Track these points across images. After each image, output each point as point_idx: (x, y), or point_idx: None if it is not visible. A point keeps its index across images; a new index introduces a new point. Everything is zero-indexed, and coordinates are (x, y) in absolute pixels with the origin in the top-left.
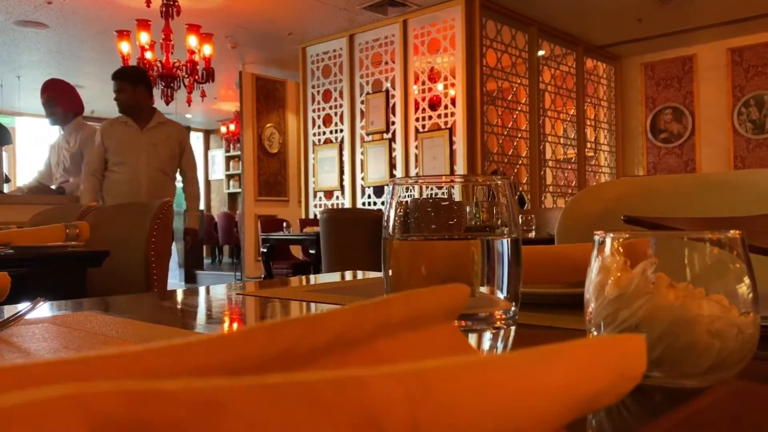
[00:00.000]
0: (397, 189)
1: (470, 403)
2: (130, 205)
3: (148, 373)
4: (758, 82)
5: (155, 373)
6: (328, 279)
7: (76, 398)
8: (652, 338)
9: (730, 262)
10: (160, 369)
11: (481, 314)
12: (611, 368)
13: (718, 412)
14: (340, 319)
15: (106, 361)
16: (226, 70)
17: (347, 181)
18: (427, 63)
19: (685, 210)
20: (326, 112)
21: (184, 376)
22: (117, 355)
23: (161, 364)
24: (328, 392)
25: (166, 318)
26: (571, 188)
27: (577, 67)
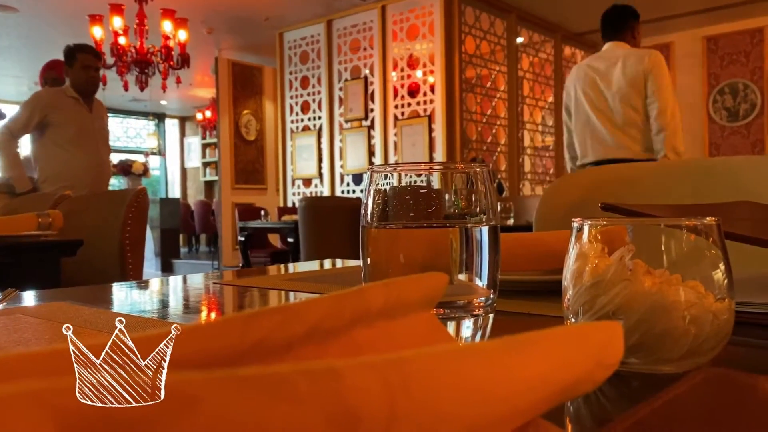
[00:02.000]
0: (376, 176)
1: (448, 393)
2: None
3: None
4: (733, 70)
5: None
6: (307, 268)
7: (41, 394)
8: (630, 325)
9: (706, 249)
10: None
11: (459, 302)
12: (588, 356)
13: (695, 398)
14: (317, 308)
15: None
16: (202, 55)
17: (326, 169)
18: (405, 49)
19: (661, 197)
20: (304, 98)
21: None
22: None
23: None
24: (303, 384)
25: (143, 308)
26: (549, 176)
27: (555, 54)
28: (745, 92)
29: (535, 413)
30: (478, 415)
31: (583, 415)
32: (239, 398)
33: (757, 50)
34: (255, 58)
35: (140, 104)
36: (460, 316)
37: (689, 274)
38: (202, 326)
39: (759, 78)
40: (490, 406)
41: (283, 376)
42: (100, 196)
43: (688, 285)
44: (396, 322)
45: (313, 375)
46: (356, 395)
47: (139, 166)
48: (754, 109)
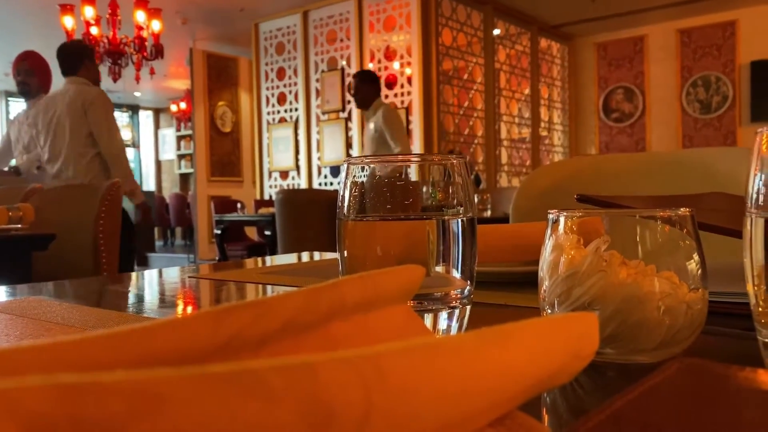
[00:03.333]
0: (352, 169)
1: (424, 387)
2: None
3: (86, 364)
4: (705, 63)
5: (94, 364)
6: (285, 260)
7: (2, 394)
8: (605, 316)
9: (680, 240)
10: (100, 359)
11: (436, 294)
12: (564, 347)
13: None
14: (291, 302)
15: (40, 352)
16: (176, 46)
17: (303, 161)
18: (382, 41)
19: (636, 188)
20: (280, 90)
21: (125, 366)
22: (52, 345)
23: (100, 353)
24: (276, 380)
25: (116, 303)
26: (526, 167)
27: (531, 46)
28: (717, 85)
29: (511, 405)
30: (455, 409)
31: (560, 406)
32: (208, 396)
33: (728, 43)
34: (230, 49)
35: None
36: (438, 308)
37: (664, 265)
38: (172, 322)
39: (731, 71)
40: (466, 399)
41: (255, 373)
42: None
43: (663, 275)
44: (372, 315)
45: (286, 371)
46: (331, 391)
47: None
48: (726, 101)
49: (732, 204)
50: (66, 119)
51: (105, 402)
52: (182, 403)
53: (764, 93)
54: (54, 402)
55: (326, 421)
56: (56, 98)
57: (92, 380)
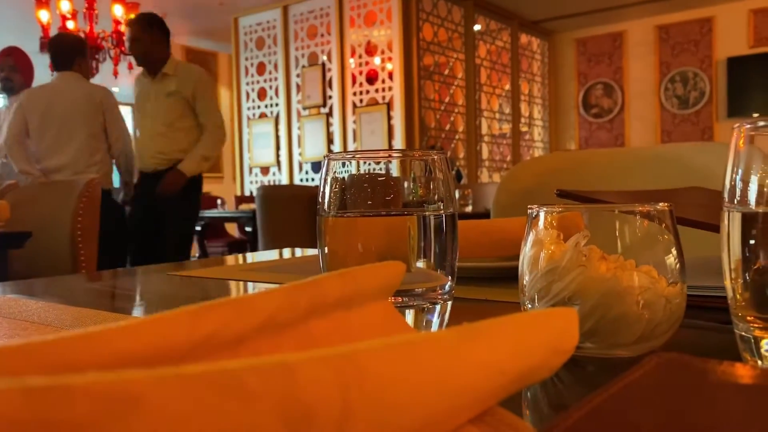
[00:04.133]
0: (332, 164)
1: (403, 385)
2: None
3: (59, 366)
4: (683, 58)
5: (67, 365)
6: (266, 257)
7: None
8: (585, 310)
9: (659, 234)
10: (73, 360)
11: (417, 290)
12: (544, 343)
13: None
14: (270, 300)
15: (10, 353)
16: None
17: (284, 157)
18: (363, 36)
19: (615, 183)
20: (260, 85)
21: (99, 367)
22: (23, 347)
23: (74, 354)
24: (253, 381)
25: (94, 301)
26: (506, 163)
27: (511, 42)
28: (695, 80)
29: (491, 402)
30: (435, 406)
31: (541, 402)
32: (184, 397)
33: (706, 39)
34: (209, 43)
35: None
36: (419, 304)
37: (643, 259)
38: (147, 321)
39: (708, 66)
40: (446, 396)
41: (232, 373)
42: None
43: (642, 270)
44: (353, 312)
45: (263, 370)
46: (309, 390)
47: None
48: (703, 97)
49: (709, 199)
50: (77, 114)
51: (75, 405)
52: (156, 404)
53: (740, 89)
54: (23, 406)
55: (305, 421)
56: (57, 92)
57: (62, 383)
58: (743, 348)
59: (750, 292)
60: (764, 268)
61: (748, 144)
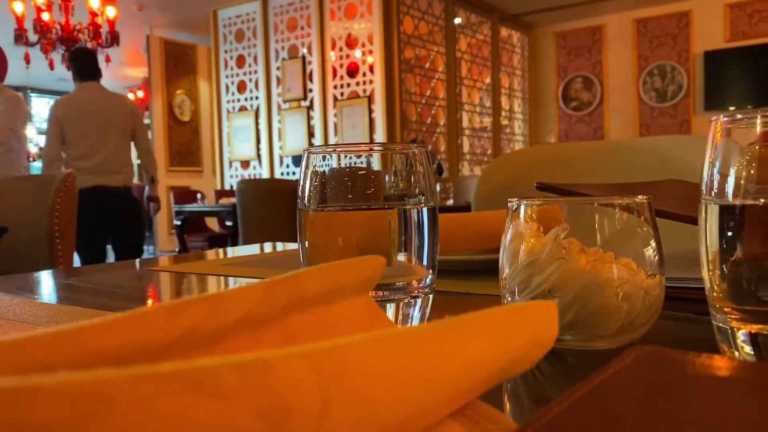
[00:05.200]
0: (312, 158)
1: (383, 381)
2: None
3: (31, 365)
4: (661, 52)
5: (40, 365)
6: (247, 252)
7: None
8: (565, 303)
9: (638, 227)
10: (46, 359)
11: (398, 284)
12: (524, 336)
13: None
14: (248, 296)
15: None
16: (132, 33)
17: (264, 151)
18: (344, 29)
19: (595, 176)
20: (240, 78)
21: (73, 366)
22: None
23: (47, 353)
24: (230, 378)
25: (71, 297)
26: (487, 156)
27: (492, 35)
28: (673, 74)
29: (472, 395)
30: (415, 402)
31: (521, 394)
32: (158, 397)
33: (683, 33)
34: (188, 36)
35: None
36: (400, 298)
37: (622, 252)
38: (123, 318)
39: (685, 60)
40: (426, 391)
41: (208, 371)
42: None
43: (621, 262)
44: (333, 307)
45: (240, 368)
46: (288, 387)
47: None
48: (681, 90)
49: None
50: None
51: (46, 406)
52: (130, 404)
53: (717, 82)
54: None
55: (283, 418)
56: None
57: (32, 384)
58: (720, 339)
59: (727, 283)
60: (741, 260)
61: (725, 137)
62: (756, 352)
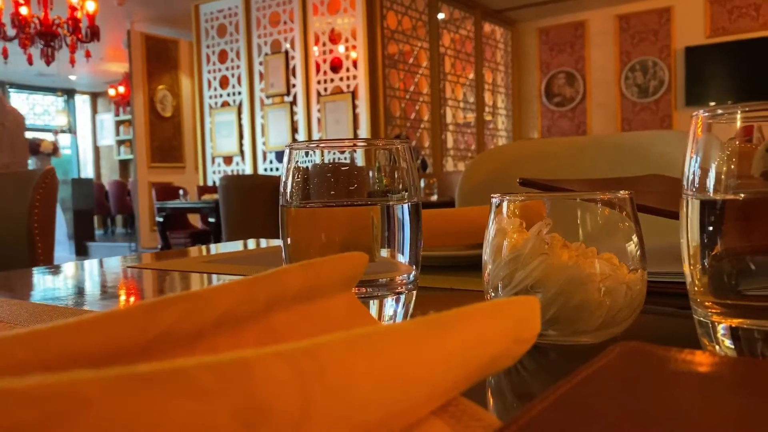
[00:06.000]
0: (295, 154)
1: (365, 379)
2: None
3: (5, 367)
4: (643, 48)
5: (15, 366)
6: (230, 248)
7: None
8: (547, 298)
9: (620, 222)
10: (21, 360)
11: (381, 280)
12: (506, 332)
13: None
14: (228, 294)
15: None
16: (113, 28)
17: (247, 146)
18: (327, 24)
19: (577, 171)
20: (223, 73)
21: (48, 367)
22: None
23: (22, 354)
24: (208, 379)
25: (52, 296)
26: (471, 152)
27: (475, 31)
28: (654, 69)
29: (455, 392)
30: (397, 399)
31: (505, 390)
32: (135, 397)
33: (665, 29)
34: (170, 31)
35: (47, 79)
36: (383, 295)
37: (604, 247)
38: (100, 318)
39: (667, 56)
40: (408, 389)
41: (186, 371)
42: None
43: (603, 257)
44: (315, 304)
45: (219, 368)
46: (267, 388)
47: (48, 145)
48: (663, 85)
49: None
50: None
51: (20, 409)
52: (105, 406)
53: (698, 78)
54: None
55: (262, 419)
56: None
57: (6, 386)
58: (701, 333)
59: (708, 277)
60: (722, 254)
61: (706, 132)
62: (736, 345)
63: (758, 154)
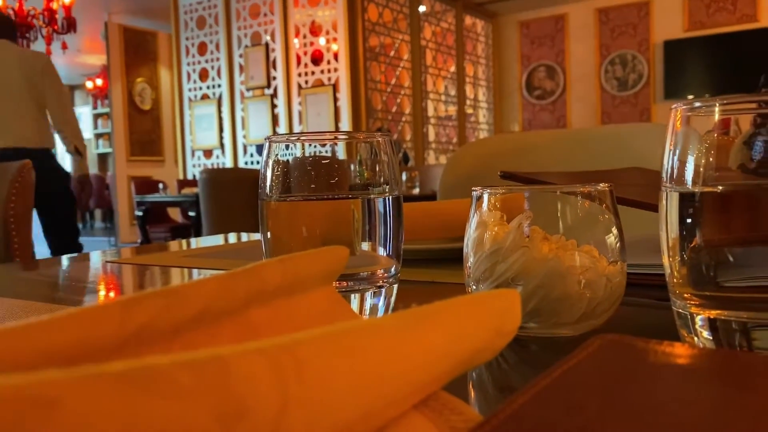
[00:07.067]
0: (274, 147)
1: (345, 375)
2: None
3: None
4: (622, 41)
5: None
6: (210, 242)
7: None
8: (528, 290)
9: (600, 214)
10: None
11: (362, 274)
12: (487, 325)
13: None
14: (205, 289)
15: None
16: (90, 19)
17: (227, 140)
18: (307, 16)
19: (558, 164)
20: (202, 66)
21: (16, 367)
22: None
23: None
24: (184, 377)
25: (29, 292)
26: (452, 145)
27: (456, 24)
28: (633, 63)
29: (436, 387)
30: (377, 395)
31: (486, 383)
32: (108, 398)
33: (643, 23)
34: (148, 23)
35: None
36: (364, 288)
37: (584, 239)
38: (75, 314)
39: (645, 49)
40: (389, 384)
41: (161, 369)
42: None
43: (583, 250)
44: (295, 299)
45: (195, 366)
46: (244, 385)
47: None
48: (641, 79)
49: (648, 179)
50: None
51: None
52: (75, 407)
53: (676, 71)
54: None
55: (239, 417)
56: None
57: None
58: (680, 324)
59: (687, 269)
60: (700, 246)
61: (685, 125)
62: (714, 336)
63: (735, 147)
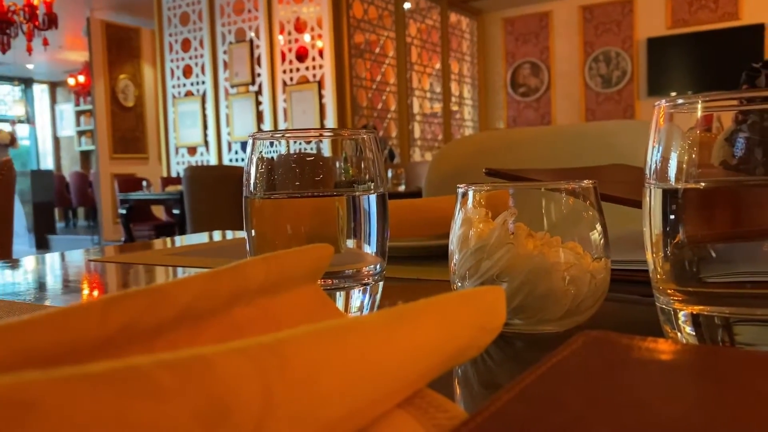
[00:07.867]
0: (258, 144)
1: (329, 374)
2: None
3: None
4: (606, 38)
5: None
6: (195, 241)
7: None
8: (513, 287)
9: (584, 211)
10: None
11: (348, 271)
12: (472, 322)
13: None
14: (188, 288)
15: None
16: (72, 15)
17: (212, 137)
18: (292, 12)
19: (542, 161)
20: (186, 62)
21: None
22: None
23: None
24: (165, 378)
25: (9, 291)
26: (438, 142)
27: (441, 21)
28: (617, 60)
29: (421, 384)
30: (362, 394)
31: (471, 380)
32: (87, 399)
33: (627, 20)
34: (131, 19)
35: (3, 68)
36: (349, 286)
37: (568, 236)
38: (55, 314)
39: (629, 46)
40: (373, 382)
41: (142, 370)
42: None
43: (568, 246)
44: (279, 298)
45: (177, 366)
46: (227, 385)
47: (6, 136)
48: (625, 76)
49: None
50: None
51: None
52: (54, 409)
53: (660, 68)
54: None
55: (222, 417)
56: None
57: None
58: (663, 320)
59: (670, 265)
60: (683, 243)
61: (668, 122)
62: (697, 332)
63: (717, 144)
